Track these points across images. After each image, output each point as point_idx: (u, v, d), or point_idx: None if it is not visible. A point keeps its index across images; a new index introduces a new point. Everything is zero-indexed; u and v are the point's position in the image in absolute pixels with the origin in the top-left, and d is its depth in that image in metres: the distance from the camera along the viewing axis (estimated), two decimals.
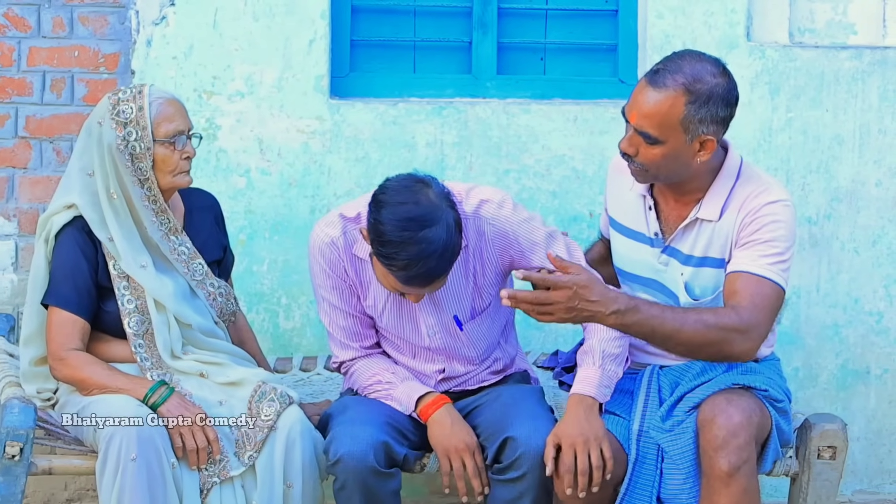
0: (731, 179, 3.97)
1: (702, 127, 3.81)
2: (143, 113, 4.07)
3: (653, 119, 3.80)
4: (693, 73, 3.80)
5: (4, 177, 5.06)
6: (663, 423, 3.95)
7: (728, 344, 3.77)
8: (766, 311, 3.82)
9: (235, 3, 5.05)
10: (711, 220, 3.95)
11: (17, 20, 5.01)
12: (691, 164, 3.88)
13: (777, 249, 3.87)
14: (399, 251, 3.74)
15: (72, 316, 4.07)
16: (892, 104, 5.29)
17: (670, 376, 4.08)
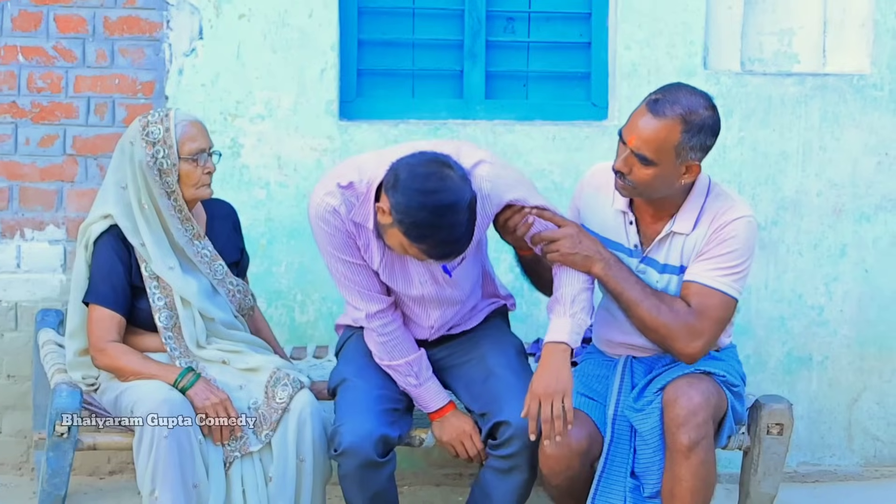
0: (702, 197, 3.94)
1: (691, 153, 3.80)
2: (170, 133, 4.06)
3: (651, 144, 3.76)
4: (689, 106, 3.78)
5: (54, 189, 5.02)
6: (635, 404, 3.92)
7: (672, 339, 3.84)
8: (711, 321, 3.85)
9: (256, 37, 5.02)
10: (684, 233, 3.92)
11: (65, 52, 4.98)
12: (675, 184, 3.86)
13: (731, 263, 3.85)
14: (432, 234, 3.65)
15: (109, 312, 4.07)
16: (831, 124, 5.25)
17: (644, 365, 4.05)
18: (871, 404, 5.39)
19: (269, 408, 3.99)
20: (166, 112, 4.14)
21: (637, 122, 3.79)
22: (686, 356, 3.86)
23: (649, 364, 4.04)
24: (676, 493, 3.80)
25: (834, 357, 5.35)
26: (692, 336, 3.83)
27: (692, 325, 3.83)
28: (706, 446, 3.78)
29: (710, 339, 3.86)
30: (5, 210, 5.01)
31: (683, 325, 3.83)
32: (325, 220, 3.88)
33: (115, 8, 4.97)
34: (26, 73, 4.97)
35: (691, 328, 3.83)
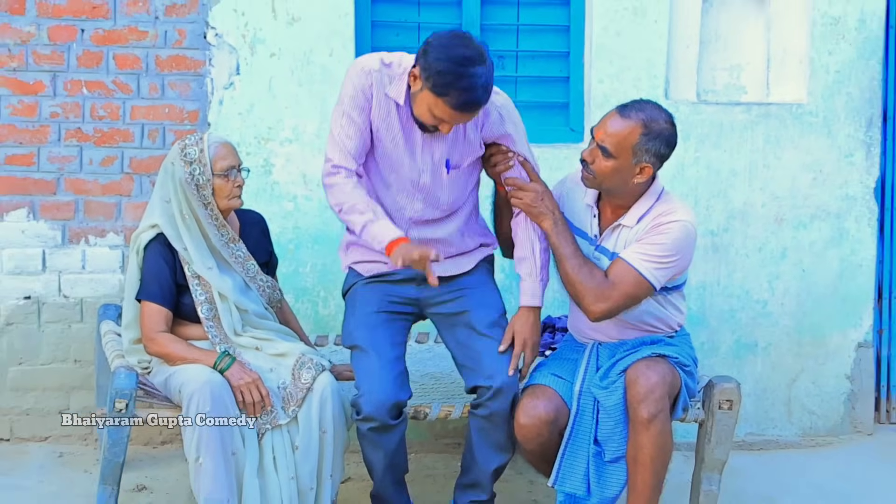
0: (652, 200, 3.97)
1: (646, 156, 3.85)
2: (204, 154, 4.08)
3: (613, 138, 3.84)
4: (652, 115, 3.86)
5: (114, 202, 5.04)
6: (601, 382, 3.94)
7: (583, 296, 3.89)
8: (620, 292, 3.87)
9: (285, 72, 5.04)
10: (629, 225, 3.96)
11: (122, 86, 5.00)
12: (629, 182, 3.90)
13: (656, 252, 3.87)
14: (454, 82, 3.64)
15: (158, 307, 4.07)
16: (773, 146, 5.27)
17: (608, 350, 4.07)
18: (807, 384, 5.40)
19: (295, 387, 3.98)
20: (201, 136, 4.14)
21: (606, 121, 3.89)
22: (589, 313, 3.90)
23: (613, 349, 4.06)
24: (639, 459, 3.83)
25: (776, 344, 5.36)
26: (598, 299, 3.87)
27: (602, 290, 3.86)
28: (663, 418, 3.82)
29: (615, 307, 3.89)
30: (72, 220, 5.02)
31: (595, 288, 3.86)
32: (359, 77, 3.86)
33: (165, 48, 4.99)
34: (90, 103, 4.98)
35: (601, 292, 3.86)
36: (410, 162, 3.95)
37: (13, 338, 5.03)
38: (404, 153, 3.94)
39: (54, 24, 4.94)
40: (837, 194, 5.32)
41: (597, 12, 5.14)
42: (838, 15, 5.23)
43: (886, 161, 5.40)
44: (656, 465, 3.84)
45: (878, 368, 5.49)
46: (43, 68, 4.95)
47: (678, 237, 3.89)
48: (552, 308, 5.04)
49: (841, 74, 5.27)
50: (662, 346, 4.01)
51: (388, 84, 3.86)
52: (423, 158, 3.95)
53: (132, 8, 4.96)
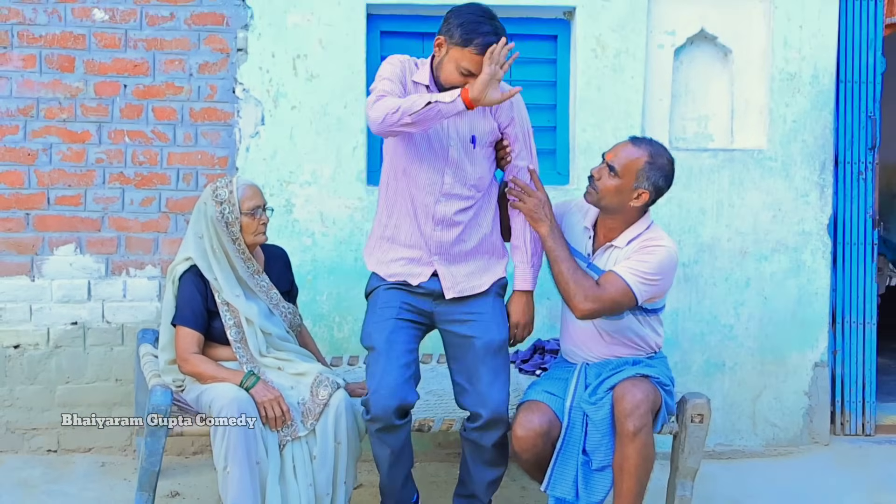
0: (643, 227, 3.94)
1: (645, 183, 3.84)
2: (233, 194, 4.06)
3: (622, 160, 3.85)
4: (658, 150, 3.88)
5: (152, 238, 4.99)
6: (589, 398, 3.86)
7: (572, 294, 3.80)
8: (606, 294, 3.80)
9: (304, 123, 4.99)
10: (620, 246, 3.91)
11: (160, 134, 4.96)
12: (626, 204, 3.87)
13: (643, 269, 3.82)
14: (478, 28, 3.60)
15: (191, 331, 4.04)
16: (737, 187, 5.21)
17: (595, 369, 3.99)
18: (770, 399, 5.32)
19: (313, 403, 3.94)
20: (230, 179, 4.13)
21: (618, 147, 3.90)
22: (577, 310, 3.81)
23: (599, 368, 3.98)
24: (625, 468, 3.76)
25: (741, 363, 5.29)
26: (587, 298, 3.79)
27: (592, 291, 3.79)
28: (647, 432, 3.75)
29: (600, 309, 3.81)
30: (115, 254, 4.97)
31: (586, 288, 3.79)
32: (392, 63, 3.78)
33: (198, 101, 4.95)
34: (131, 150, 4.94)
35: (590, 293, 3.79)
36: (439, 139, 3.80)
37: (61, 359, 4.98)
38: (434, 132, 3.78)
39: (100, 80, 4.92)
40: (795, 230, 5.26)
41: (580, 70, 5.09)
42: (794, 71, 5.19)
43: (838, 200, 5.35)
44: (640, 473, 3.77)
45: (833, 385, 5.43)
46: (90, 119, 4.93)
47: (663, 260, 3.85)
48: (542, 332, 4.97)
49: (797, 124, 5.22)
50: (643, 366, 3.94)
51: (415, 72, 3.80)
52: (451, 135, 3.81)
53: (169, 66, 4.94)
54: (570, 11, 5.14)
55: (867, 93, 5.32)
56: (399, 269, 3.92)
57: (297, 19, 4.95)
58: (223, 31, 4.94)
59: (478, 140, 3.83)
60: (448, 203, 3.83)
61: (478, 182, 3.87)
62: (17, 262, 4.94)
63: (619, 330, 3.97)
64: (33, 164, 4.91)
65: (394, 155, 3.86)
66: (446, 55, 3.67)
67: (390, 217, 3.91)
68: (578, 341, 4.05)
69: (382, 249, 3.96)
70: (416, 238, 3.88)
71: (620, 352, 4.01)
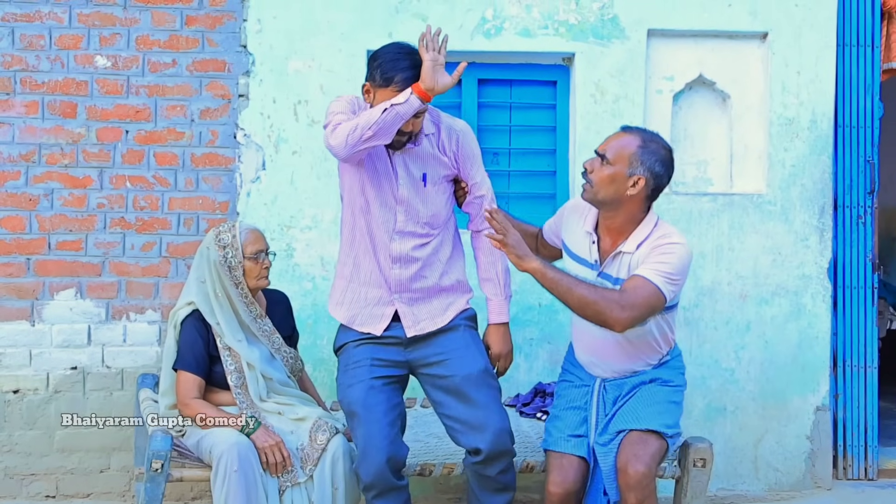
0: (649, 228, 3.79)
1: (640, 168, 3.68)
2: (236, 239, 4.09)
3: (613, 148, 3.72)
4: (651, 135, 3.75)
5: (152, 283, 5.01)
6: (599, 439, 3.83)
7: (606, 310, 3.59)
8: (640, 300, 3.62)
9: (305, 168, 5.03)
10: (630, 252, 3.76)
11: (161, 179, 4.99)
12: (622, 194, 3.72)
13: (666, 268, 3.67)
14: (396, 64, 3.62)
15: (192, 376, 4.05)
16: (737, 231, 5.24)
17: (613, 389, 3.92)
18: (772, 443, 5.31)
19: (311, 448, 3.94)
20: (233, 223, 4.16)
21: (610, 137, 3.80)
22: (617, 324, 3.61)
23: (618, 388, 3.91)
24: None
25: (743, 407, 5.29)
26: (621, 308, 3.59)
27: (621, 301, 3.60)
28: (650, 500, 3.74)
29: (639, 315, 3.63)
30: (115, 298, 4.99)
31: (613, 300, 3.60)
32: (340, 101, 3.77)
33: (199, 147, 4.99)
34: (132, 195, 4.97)
35: (620, 303, 3.60)
36: (389, 178, 3.81)
37: (60, 404, 4.98)
38: (383, 171, 3.81)
39: (102, 126, 4.97)
40: (795, 274, 5.28)
41: (579, 115, 5.13)
42: (792, 116, 5.24)
43: (837, 244, 5.37)
44: None
45: (835, 430, 5.42)
46: (91, 165, 4.96)
47: (681, 256, 3.71)
48: (543, 375, 4.98)
49: (796, 168, 5.25)
50: (659, 385, 3.90)
51: (364, 107, 3.80)
52: (399, 174, 3.81)
53: (171, 112, 4.98)
54: (569, 57, 5.20)
55: (865, 137, 5.36)
56: (361, 311, 3.89)
57: (298, 65, 5.01)
58: (225, 77, 4.99)
59: (429, 178, 3.84)
60: (402, 241, 3.83)
61: (431, 219, 3.86)
62: (17, 307, 4.96)
63: (642, 335, 3.85)
64: (35, 210, 4.94)
65: (350, 193, 3.87)
66: (374, 98, 3.70)
67: (348, 256, 3.91)
68: (597, 352, 3.93)
69: (343, 292, 3.93)
70: (377, 276, 3.86)
71: (640, 359, 3.91)
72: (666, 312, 3.85)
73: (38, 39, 4.91)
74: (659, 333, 3.89)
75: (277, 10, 4.99)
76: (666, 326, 3.91)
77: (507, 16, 5.07)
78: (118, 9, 4.94)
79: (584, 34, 5.13)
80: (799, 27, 5.22)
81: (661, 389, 3.91)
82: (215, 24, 4.98)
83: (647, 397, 3.88)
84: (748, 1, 5.20)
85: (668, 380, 3.94)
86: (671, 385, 3.94)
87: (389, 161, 3.81)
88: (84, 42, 4.93)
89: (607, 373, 3.95)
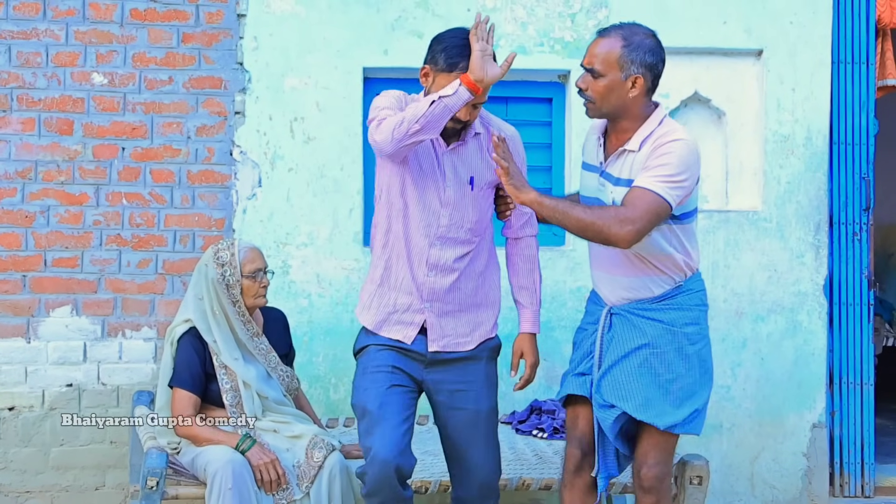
0: (654, 125, 3.54)
1: (633, 67, 3.48)
2: (234, 257, 4.08)
3: (597, 57, 3.50)
4: (630, 30, 3.52)
5: (148, 300, 5.02)
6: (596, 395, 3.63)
7: (605, 227, 3.40)
8: (641, 211, 3.39)
9: (301, 185, 5.04)
10: (633, 150, 3.52)
11: (158, 197, 5.01)
12: (625, 99, 3.52)
13: (665, 172, 3.42)
14: (462, 51, 3.48)
15: (188, 393, 4.04)
16: (733, 248, 5.26)
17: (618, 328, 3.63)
18: (768, 461, 5.32)
19: (308, 465, 3.94)
20: (232, 241, 4.17)
21: (589, 46, 3.57)
22: (620, 240, 3.41)
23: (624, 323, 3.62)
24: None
25: (739, 424, 5.30)
26: (622, 223, 3.38)
27: (622, 215, 3.40)
28: (665, 497, 3.66)
29: (642, 227, 3.40)
30: (111, 316, 5.00)
31: (613, 216, 3.40)
32: (387, 95, 3.64)
33: (195, 164, 5.01)
34: (128, 212, 4.99)
35: (621, 217, 3.39)
36: (436, 179, 3.66)
37: (55, 421, 4.98)
38: (429, 171, 3.67)
39: (98, 143, 4.98)
40: (791, 291, 5.30)
41: (575, 132, 5.16)
42: (787, 133, 5.26)
43: (833, 261, 5.39)
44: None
45: (832, 447, 5.43)
46: (87, 182, 4.98)
47: (681, 153, 3.45)
48: (539, 392, 4.98)
49: (791, 185, 5.28)
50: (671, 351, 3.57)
51: (410, 102, 3.66)
52: (448, 175, 3.66)
53: (167, 129, 5.00)
54: (564, 74, 5.23)
55: (861, 154, 5.38)
56: (389, 317, 3.73)
57: (294, 83, 5.03)
58: (221, 94, 5.02)
59: (476, 181, 3.71)
60: (443, 248, 3.67)
61: (475, 226, 3.70)
62: (12, 324, 4.97)
63: (648, 247, 3.54)
64: (31, 226, 4.96)
65: (388, 194, 3.70)
66: (433, 83, 3.57)
67: (380, 259, 3.73)
68: (604, 264, 3.67)
69: (372, 296, 3.77)
70: (408, 282, 3.70)
71: (648, 276, 3.59)
72: (675, 222, 3.57)
73: (34, 56, 4.93)
74: (668, 247, 3.57)
75: (274, 27, 5.02)
76: (676, 241, 3.60)
77: (503, 33, 5.10)
78: (115, 26, 4.97)
79: (579, 51, 5.13)
80: (794, 44, 5.26)
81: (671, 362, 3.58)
82: (212, 41, 5.01)
83: (651, 376, 3.57)
84: (743, 18, 5.24)
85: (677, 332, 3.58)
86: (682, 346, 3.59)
87: (437, 161, 3.67)
88: (81, 59, 4.95)
89: (615, 295, 3.67)
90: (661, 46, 3.55)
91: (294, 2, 5.03)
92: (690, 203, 3.57)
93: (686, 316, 3.62)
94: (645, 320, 3.60)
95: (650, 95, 3.57)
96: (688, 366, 3.61)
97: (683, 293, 3.64)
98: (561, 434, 4.67)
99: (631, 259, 3.58)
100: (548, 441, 4.69)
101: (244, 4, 5.01)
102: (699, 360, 3.65)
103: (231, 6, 5.01)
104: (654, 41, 3.54)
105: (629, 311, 3.62)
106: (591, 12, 5.19)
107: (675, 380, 3.60)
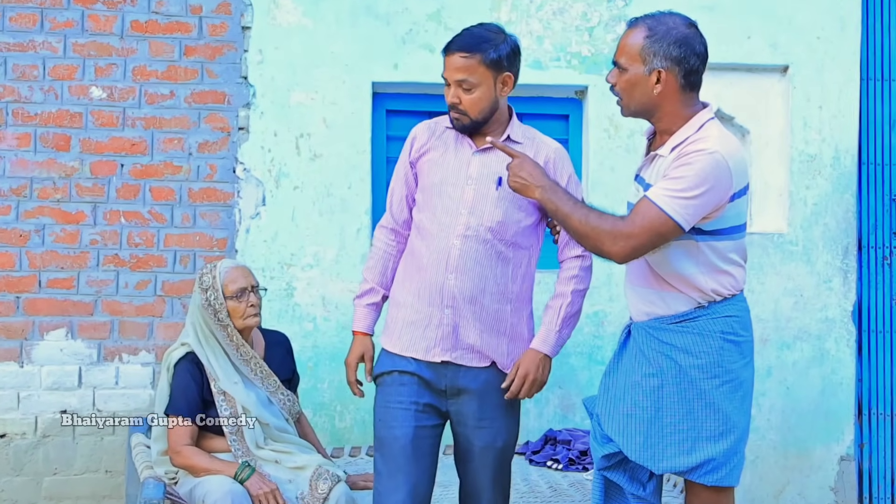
0: (692, 130, 3.24)
1: (655, 60, 3.21)
2: (216, 280, 4.04)
3: (622, 50, 3.26)
4: (659, 18, 3.25)
5: (146, 322, 4.98)
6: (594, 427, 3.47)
7: (598, 241, 3.22)
8: (639, 227, 3.17)
9: (307, 204, 5.01)
10: (664, 154, 3.27)
11: (157, 216, 4.97)
12: (651, 95, 3.25)
13: (678, 186, 3.14)
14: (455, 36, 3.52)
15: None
16: (757, 272, 5.19)
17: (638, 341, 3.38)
18: (793, 495, 5.25)
19: (312, 497, 3.86)
20: (215, 263, 4.10)
21: (620, 38, 3.33)
22: (613, 255, 3.21)
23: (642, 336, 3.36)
24: None
25: (763, 457, 5.23)
26: (616, 238, 3.18)
27: (618, 229, 3.19)
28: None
29: (639, 245, 3.19)
30: (108, 339, 4.95)
31: (610, 229, 3.19)
32: (416, 132, 3.68)
33: (197, 181, 4.98)
34: (127, 231, 4.95)
35: (616, 231, 3.19)
36: (456, 178, 3.58)
37: (49, 449, 4.94)
38: (452, 166, 3.60)
39: (96, 160, 4.96)
40: (818, 317, 5.24)
41: (592, 150, 5.11)
42: (814, 153, 5.21)
43: (862, 286, 5.34)
44: None
45: (861, 480, 5.38)
46: (85, 199, 4.95)
47: (702, 168, 3.14)
48: (554, 422, 4.92)
49: (818, 207, 5.22)
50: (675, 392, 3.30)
51: (437, 128, 3.67)
52: (470, 174, 3.57)
53: (168, 145, 4.97)
54: (582, 90, 5.18)
55: (891, 175, 5.34)
56: (403, 331, 3.63)
57: (300, 98, 4.99)
58: (224, 109, 4.98)
59: (504, 182, 3.57)
60: (464, 244, 3.55)
61: (497, 226, 3.56)
62: (5, 347, 4.92)
63: (659, 263, 3.30)
64: (25, 246, 4.92)
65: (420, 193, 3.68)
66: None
67: (396, 273, 3.71)
68: (631, 275, 3.45)
69: (390, 316, 3.70)
70: (423, 290, 3.60)
71: (667, 294, 3.32)
72: (703, 238, 3.25)
73: (31, 70, 4.90)
74: (690, 265, 3.27)
75: (280, 40, 4.98)
76: (704, 260, 3.26)
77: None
78: (115, 38, 4.94)
79: (597, 66, 5.11)
80: (821, 61, 5.21)
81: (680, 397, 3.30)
82: (215, 54, 4.98)
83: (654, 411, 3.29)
84: (768, 33, 5.19)
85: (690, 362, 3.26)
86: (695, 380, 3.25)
87: (459, 158, 3.61)
88: (79, 72, 4.92)
89: (636, 308, 3.44)
90: (697, 38, 3.25)
91: (301, 14, 5.00)
92: (726, 219, 3.24)
93: (705, 343, 3.24)
94: (659, 343, 3.30)
95: (688, 93, 3.28)
96: (702, 404, 3.25)
97: (707, 317, 3.27)
98: (577, 465, 4.62)
99: (649, 271, 3.35)
100: (563, 472, 4.62)
101: (249, 17, 4.98)
102: (719, 398, 3.24)
103: (235, 18, 4.98)
104: (684, 31, 3.24)
105: (646, 329, 3.36)
106: (609, 26, 5.15)
107: (683, 419, 3.25)
